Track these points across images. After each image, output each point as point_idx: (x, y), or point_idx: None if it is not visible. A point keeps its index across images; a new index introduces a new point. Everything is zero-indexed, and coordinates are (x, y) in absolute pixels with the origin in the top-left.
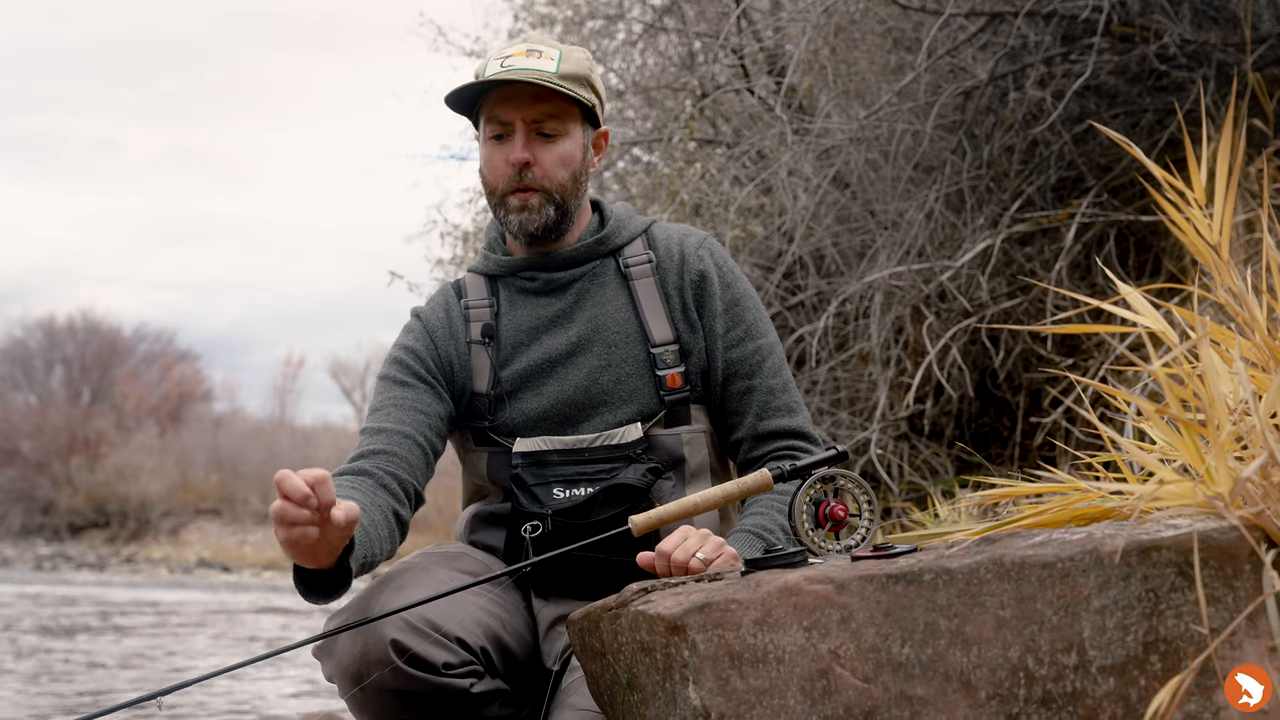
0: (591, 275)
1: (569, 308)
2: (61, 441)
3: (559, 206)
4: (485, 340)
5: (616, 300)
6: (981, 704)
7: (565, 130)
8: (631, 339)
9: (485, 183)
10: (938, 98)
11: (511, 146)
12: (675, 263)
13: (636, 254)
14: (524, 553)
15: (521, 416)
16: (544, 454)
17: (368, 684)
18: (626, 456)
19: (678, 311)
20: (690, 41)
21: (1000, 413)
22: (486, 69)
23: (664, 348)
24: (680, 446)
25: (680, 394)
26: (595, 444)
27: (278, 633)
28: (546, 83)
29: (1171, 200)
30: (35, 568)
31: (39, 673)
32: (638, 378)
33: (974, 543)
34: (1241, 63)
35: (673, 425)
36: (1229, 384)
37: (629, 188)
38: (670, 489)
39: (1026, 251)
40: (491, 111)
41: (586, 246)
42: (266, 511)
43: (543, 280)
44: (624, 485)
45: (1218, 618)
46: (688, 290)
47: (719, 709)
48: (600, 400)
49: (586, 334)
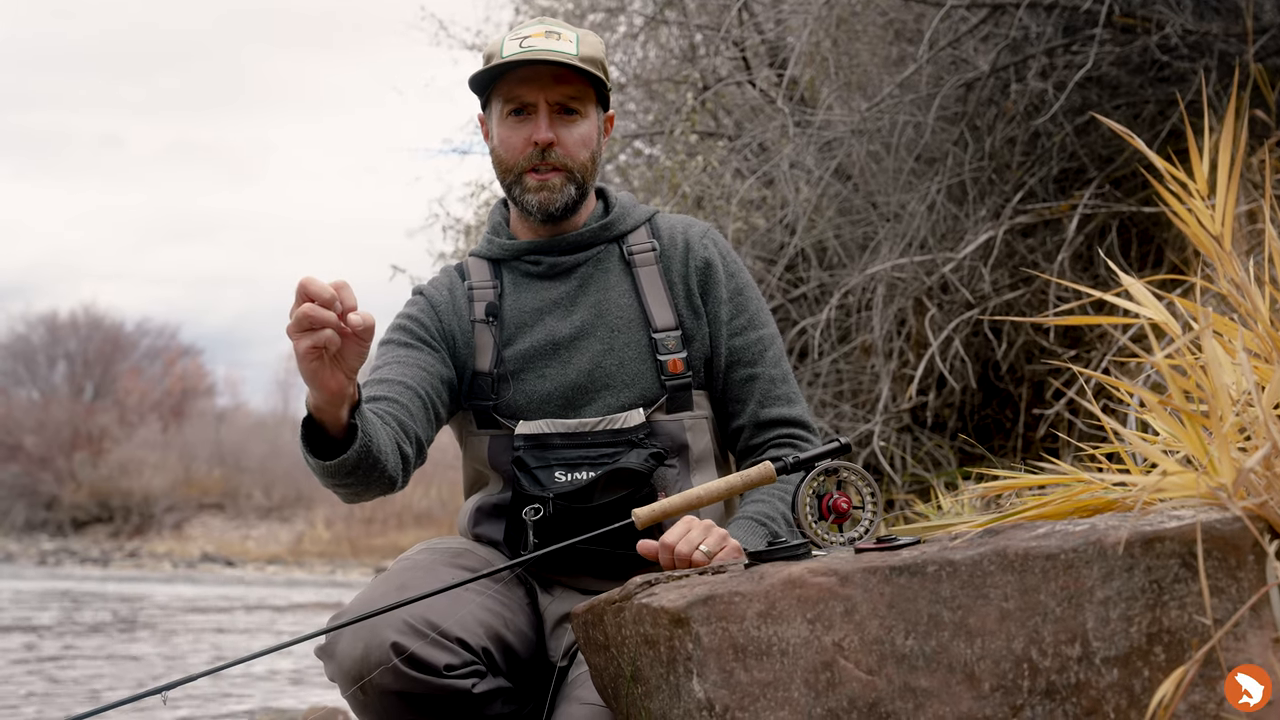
0: (596, 260)
1: (573, 292)
2: (65, 437)
3: (579, 186)
4: (489, 319)
5: (620, 286)
6: (985, 695)
7: (585, 111)
8: (634, 324)
9: (501, 161)
10: (939, 89)
11: (535, 126)
12: (680, 250)
13: (640, 241)
14: (525, 536)
15: (525, 398)
16: (546, 436)
17: (369, 686)
18: (629, 441)
19: (681, 298)
20: (691, 34)
21: (1003, 404)
22: (504, 49)
23: (666, 333)
24: (683, 432)
25: (682, 379)
26: (598, 428)
27: (282, 627)
28: (574, 63)
29: (1174, 191)
30: (39, 563)
31: (45, 668)
32: (639, 362)
33: (977, 534)
34: (1243, 53)
35: (675, 411)
36: (1232, 375)
37: (630, 180)
38: (675, 476)
39: (1029, 243)
40: (512, 91)
41: (592, 231)
42: (270, 506)
43: (547, 264)
44: (626, 469)
45: (1221, 608)
46: (692, 277)
47: (723, 701)
48: (603, 384)
49: (590, 318)
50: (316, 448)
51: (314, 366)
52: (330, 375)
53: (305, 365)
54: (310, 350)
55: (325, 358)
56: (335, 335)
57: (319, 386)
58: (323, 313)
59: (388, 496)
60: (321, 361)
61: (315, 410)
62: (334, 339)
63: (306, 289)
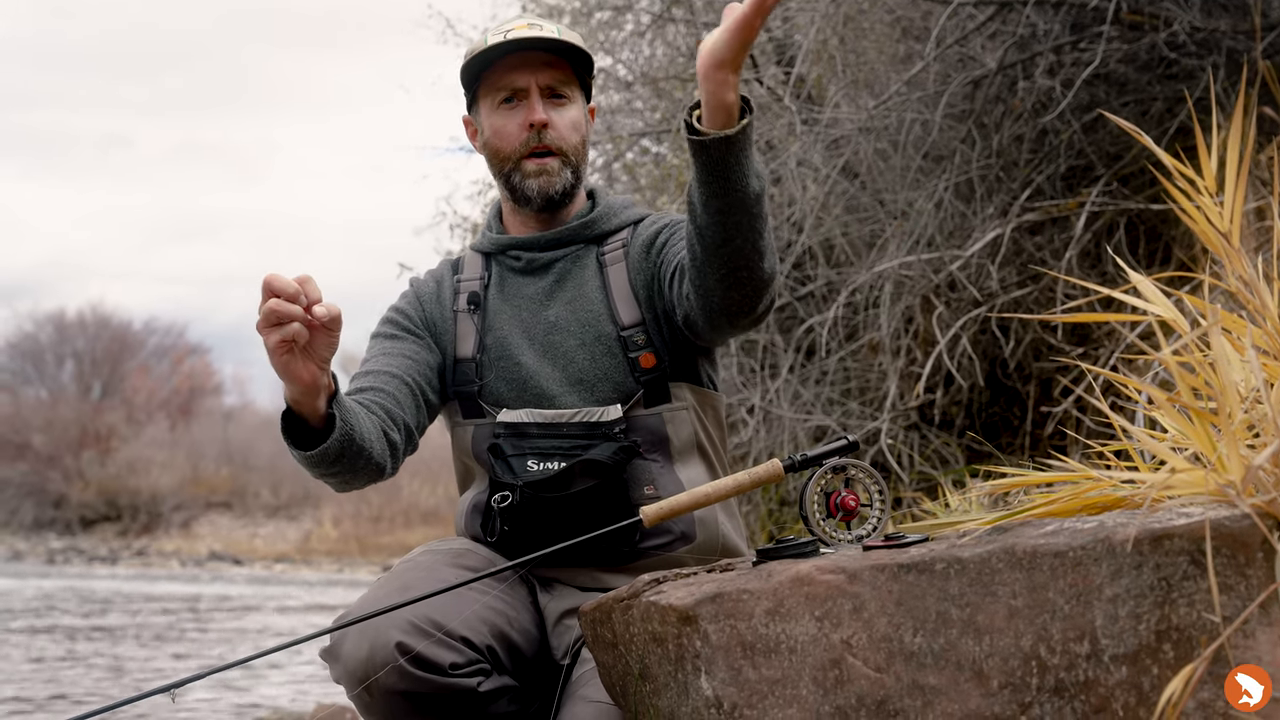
0: (573, 258)
1: (549, 288)
2: (72, 435)
3: (575, 170)
4: (471, 308)
5: (592, 283)
6: (994, 693)
7: (573, 96)
8: (603, 320)
9: (496, 151)
10: (947, 87)
11: (528, 109)
12: (637, 242)
13: (616, 241)
14: (493, 522)
15: (506, 386)
16: (524, 426)
17: (374, 686)
18: (604, 435)
19: (639, 288)
20: (699, 32)
21: (1011, 402)
22: (488, 41)
23: (633, 329)
24: (663, 425)
25: (655, 373)
26: (575, 419)
27: (289, 626)
28: (569, 40)
29: (1182, 188)
30: (47, 561)
31: (51, 666)
32: (610, 358)
33: (985, 532)
34: (1251, 50)
35: (652, 404)
36: (1240, 372)
37: (638, 179)
38: (659, 469)
39: (1036, 240)
40: (502, 79)
41: (571, 230)
42: (278, 505)
43: (526, 260)
44: (593, 461)
45: (1230, 606)
46: (639, 252)
47: (731, 699)
48: (578, 379)
49: (564, 315)
50: (299, 439)
51: (285, 360)
52: (302, 367)
53: (276, 359)
54: (280, 344)
55: (295, 350)
56: (303, 328)
57: (292, 379)
58: (288, 307)
59: (395, 494)
60: (292, 354)
61: (293, 403)
62: (301, 332)
63: (271, 285)
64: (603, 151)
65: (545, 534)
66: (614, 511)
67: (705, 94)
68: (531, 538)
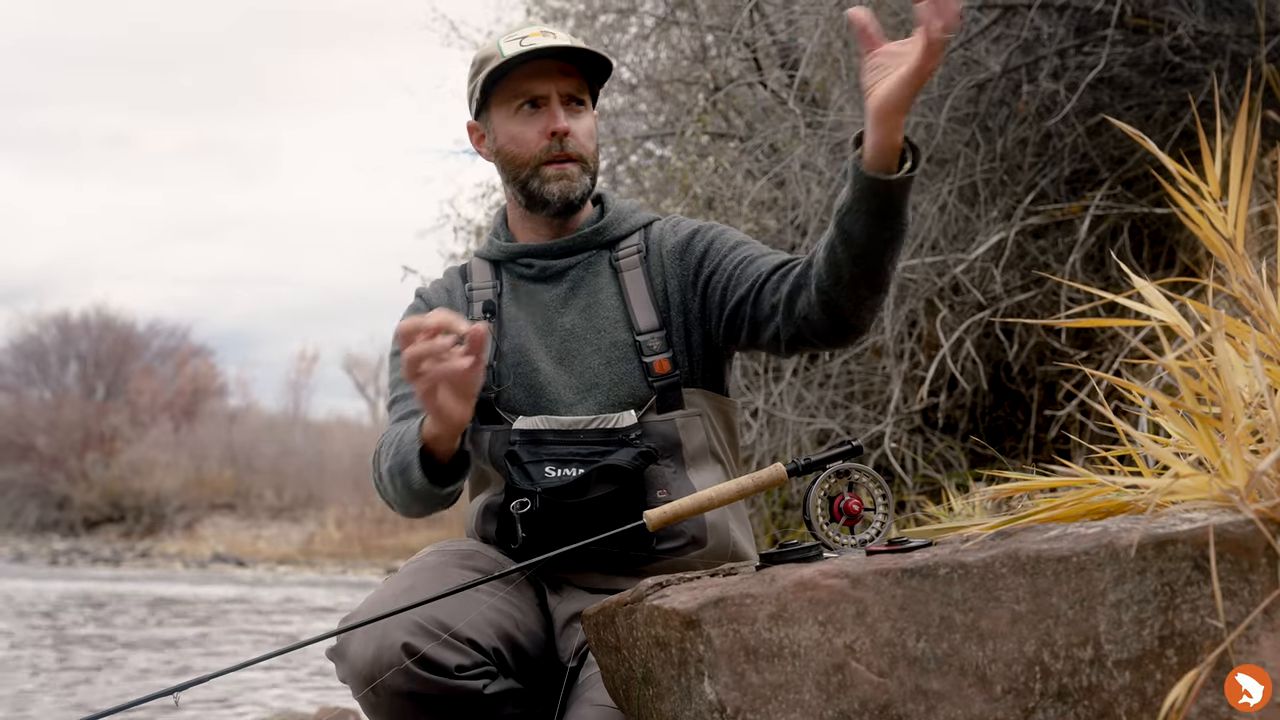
0: (586, 264)
1: (564, 295)
2: (76, 437)
3: (592, 176)
4: (487, 316)
5: (608, 290)
6: (997, 698)
7: (588, 104)
8: (619, 327)
9: (513, 158)
10: (951, 90)
11: (549, 117)
12: (658, 247)
13: (629, 246)
14: (513, 529)
15: (522, 393)
16: (541, 433)
17: (381, 687)
18: (621, 440)
19: (659, 293)
20: (703, 35)
21: (1014, 406)
22: (504, 49)
23: (649, 335)
24: (675, 431)
25: (669, 379)
26: (591, 426)
27: (293, 628)
28: (590, 48)
29: (1185, 193)
30: (51, 562)
31: (55, 668)
32: (625, 363)
33: (989, 537)
34: (1256, 54)
35: (666, 410)
36: (1244, 377)
37: (642, 182)
38: (671, 475)
39: (1040, 244)
40: (521, 86)
41: (584, 237)
42: (281, 506)
43: (539, 267)
44: (614, 467)
45: (1234, 611)
46: (670, 258)
47: (734, 703)
48: (593, 385)
49: (580, 322)
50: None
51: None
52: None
53: (430, 404)
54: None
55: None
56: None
57: (444, 420)
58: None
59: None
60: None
61: (433, 439)
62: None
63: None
64: (607, 154)
65: (564, 540)
66: (632, 517)
67: (879, 136)
68: (550, 544)
